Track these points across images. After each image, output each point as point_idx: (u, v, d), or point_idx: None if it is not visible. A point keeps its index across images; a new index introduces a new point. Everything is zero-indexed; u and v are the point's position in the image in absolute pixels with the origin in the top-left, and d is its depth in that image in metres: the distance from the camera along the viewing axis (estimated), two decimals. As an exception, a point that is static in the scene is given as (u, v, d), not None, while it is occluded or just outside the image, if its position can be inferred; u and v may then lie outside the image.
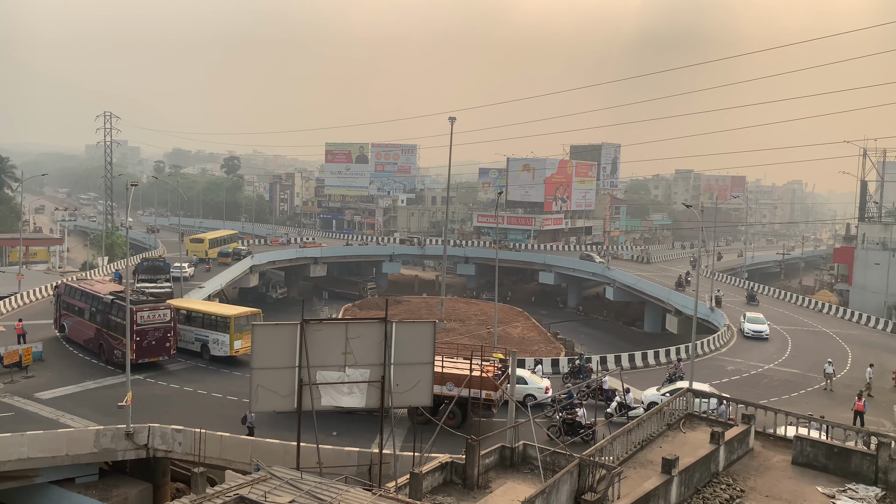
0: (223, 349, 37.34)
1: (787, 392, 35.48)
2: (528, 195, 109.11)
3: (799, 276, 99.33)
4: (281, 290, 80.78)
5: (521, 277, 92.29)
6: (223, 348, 37.37)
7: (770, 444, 22.26)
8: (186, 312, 39.44)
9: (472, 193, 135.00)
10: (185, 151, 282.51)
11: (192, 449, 24.79)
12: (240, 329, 37.17)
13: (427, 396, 20.05)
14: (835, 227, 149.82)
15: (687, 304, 55.24)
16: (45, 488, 25.09)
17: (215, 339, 37.84)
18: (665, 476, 17.32)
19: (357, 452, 23.14)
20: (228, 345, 37.17)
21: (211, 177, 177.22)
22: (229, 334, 37.19)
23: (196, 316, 39.21)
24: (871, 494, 18.93)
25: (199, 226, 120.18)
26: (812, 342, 48.94)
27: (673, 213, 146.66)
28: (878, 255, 67.08)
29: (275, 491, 15.71)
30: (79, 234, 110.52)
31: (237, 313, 38.68)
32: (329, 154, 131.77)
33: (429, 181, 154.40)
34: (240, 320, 37.68)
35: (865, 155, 76.37)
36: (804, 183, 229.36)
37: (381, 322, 19.09)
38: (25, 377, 32.92)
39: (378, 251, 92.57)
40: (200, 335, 38.56)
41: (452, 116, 64.07)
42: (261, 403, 18.90)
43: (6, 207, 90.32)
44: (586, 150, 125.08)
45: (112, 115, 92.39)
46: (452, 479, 19.15)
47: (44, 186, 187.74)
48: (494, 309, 48.83)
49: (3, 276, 61.03)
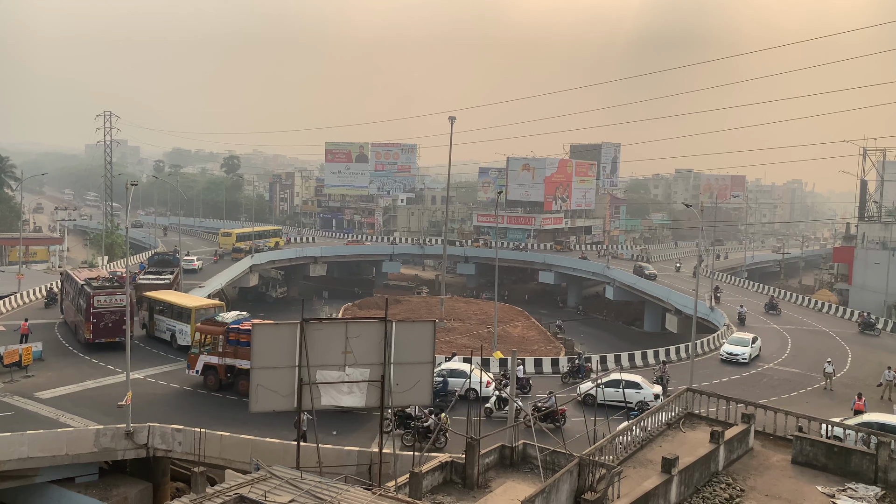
0: (186, 339, 38.40)
1: (786, 391, 35.49)
2: (528, 195, 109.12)
3: (799, 276, 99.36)
4: (281, 290, 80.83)
5: (520, 277, 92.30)
6: (186, 338, 38.47)
7: (770, 443, 22.28)
8: (160, 303, 41.49)
9: (472, 193, 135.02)
10: (185, 151, 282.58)
11: (191, 448, 24.79)
12: (201, 319, 37.22)
13: (427, 396, 20.06)
14: (835, 227, 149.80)
15: (687, 304, 55.27)
16: (45, 488, 25.08)
17: (180, 329, 39.67)
18: (665, 475, 17.33)
19: (357, 452, 23.15)
20: (190, 335, 37.43)
21: (211, 176, 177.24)
22: (191, 325, 37.92)
23: (167, 307, 41.12)
24: (871, 494, 18.94)
25: (198, 225, 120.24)
26: (812, 341, 48.95)
27: (673, 213, 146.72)
28: (877, 254, 67.09)
29: (275, 490, 15.70)
30: (79, 233, 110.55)
31: (198, 304, 40.33)
32: (329, 153, 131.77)
33: (429, 181, 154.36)
34: (200, 311, 38.86)
35: (865, 154, 76.40)
36: (804, 182, 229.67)
37: (381, 321, 19.10)
38: (25, 377, 32.92)
39: (378, 250, 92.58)
40: (170, 325, 40.62)
41: (452, 116, 64.12)
42: (261, 403, 18.90)
43: (6, 207, 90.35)
44: (586, 150, 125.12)
45: (112, 114, 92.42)
46: (452, 478, 19.16)
47: (44, 186, 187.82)
48: (494, 308, 48.82)
49: (3, 275, 61.04)
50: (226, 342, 32.46)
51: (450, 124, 64.04)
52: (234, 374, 32.07)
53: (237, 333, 32.11)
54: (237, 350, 31.70)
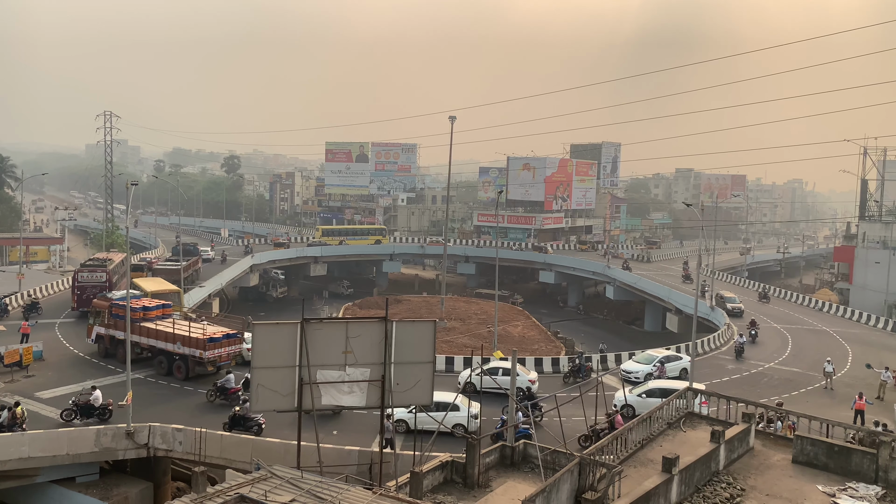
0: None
1: (787, 391, 35.47)
2: (529, 194, 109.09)
3: (799, 275, 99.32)
4: (281, 290, 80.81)
5: (521, 276, 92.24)
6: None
7: (770, 442, 22.28)
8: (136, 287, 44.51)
9: (473, 192, 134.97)
10: (186, 151, 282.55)
11: (192, 448, 24.80)
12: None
13: (427, 395, 20.04)
14: (835, 226, 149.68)
15: (687, 303, 55.24)
16: (46, 487, 25.09)
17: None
18: (665, 475, 17.33)
19: (357, 451, 23.16)
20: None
21: (211, 176, 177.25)
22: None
23: (134, 289, 42.93)
24: (872, 493, 18.93)
25: (199, 225, 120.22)
26: (812, 341, 48.92)
27: (673, 212, 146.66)
28: (878, 253, 67.04)
29: (275, 490, 15.69)
30: (79, 233, 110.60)
31: (155, 289, 44.25)
32: (329, 153, 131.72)
33: (429, 180, 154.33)
34: (157, 295, 42.31)
35: (866, 153, 76.36)
36: (804, 182, 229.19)
37: (382, 321, 19.09)
38: (26, 376, 32.96)
39: (378, 250, 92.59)
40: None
41: (452, 115, 64.16)
42: (261, 403, 18.91)
43: (6, 207, 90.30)
44: (586, 149, 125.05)
45: (112, 114, 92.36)
46: (453, 477, 19.16)
47: (44, 186, 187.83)
48: (495, 308, 48.81)
49: (4, 275, 61.05)
50: (109, 315, 36.74)
51: (450, 124, 64.14)
52: (115, 344, 36.52)
53: (119, 308, 35.41)
54: (117, 322, 35.81)
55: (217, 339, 34.14)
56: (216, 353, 33.81)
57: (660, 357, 37.34)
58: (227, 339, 34.79)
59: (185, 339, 34.07)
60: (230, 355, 34.78)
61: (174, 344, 34.24)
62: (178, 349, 34.12)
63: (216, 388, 30.79)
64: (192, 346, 33.71)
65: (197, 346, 33.55)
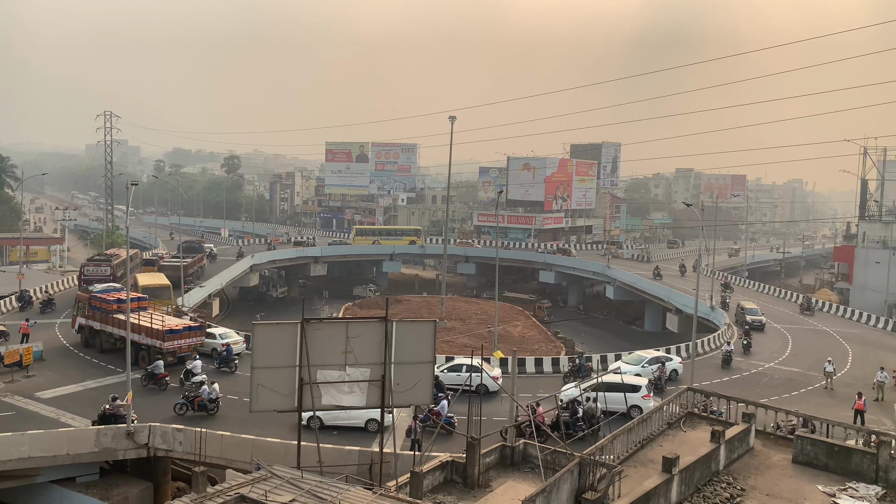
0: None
1: (787, 391, 35.48)
2: (529, 194, 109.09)
3: (799, 275, 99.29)
4: (281, 290, 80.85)
5: (521, 276, 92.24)
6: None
7: (770, 442, 22.27)
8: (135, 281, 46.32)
9: (473, 192, 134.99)
10: (186, 151, 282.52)
11: (192, 448, 24.80)
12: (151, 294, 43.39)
13: (427, 395, 20.04)
14: (835, 226, 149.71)
15: (687, 303, 55.22)
16: (46, 487, 25.09)
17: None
18: (665, 475, 17.32)
19: (357, 451, 23.16)
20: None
21: (211, 176, 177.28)
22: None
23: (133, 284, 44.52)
24: (872, 493, 18.93)
25: (199, 225, 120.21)
26: (812, 341, 48.93)
27: (673, 212, 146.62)
28: (878, 253, 67.05)
29: (275, 490, 15.69)
30: (79, 233, 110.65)
31: (147, 283, 46.38)
32: (329, 153, 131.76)
33: (429, 180, 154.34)
34: (147, 289, 44.48)
35: (866, 153, 76.37)
36: (804, 182, 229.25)
37: (382, 321, 19.08)
38: (26, 376, 32.97)
39: (378, 250, 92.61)
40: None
41: (452, 115, 64.27)
42: (261, 403, 18.87)
43: (6, 207, 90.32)
44: (586, 149, 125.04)
45: (112, 114, 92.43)
46: (453, 477, 19.16)
47: (44, 186, 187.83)
48: (495, 308, 48.82)
49: (4, 275, 61.07)
50: (89, 307, 38.60)
51: (450, 124, 64.22)
52: (93, 334, 38.57)
53: (98, 301, 38.06)
54: (95, 314, 38.09)
55: (177, 331, 36.02)
56: (176, 345, 35.59)
57: (648, 358, 37.06)
58: (187, 330, 36.69)
59: (147, 331, 35.83)
60: (190, 346, 36.36)
61: (139, 335, 35.66)
62: (142, 340, 35.70)
63: (147, 374, 32.60)
64: (154, 336, 35.48)
65: (157, 337, 35.32)
